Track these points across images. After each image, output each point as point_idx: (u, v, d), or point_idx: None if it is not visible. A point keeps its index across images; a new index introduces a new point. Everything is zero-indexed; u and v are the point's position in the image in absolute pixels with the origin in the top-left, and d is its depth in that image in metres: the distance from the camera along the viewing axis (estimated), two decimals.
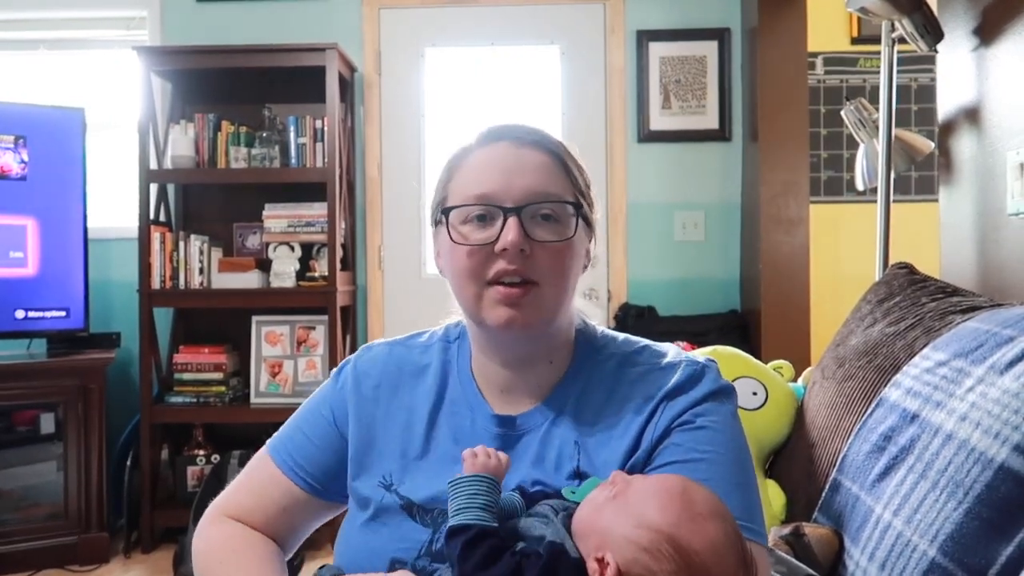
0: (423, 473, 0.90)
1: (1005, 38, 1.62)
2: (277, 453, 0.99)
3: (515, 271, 0.84)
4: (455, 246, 0.87)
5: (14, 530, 2.84)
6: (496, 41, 3.41)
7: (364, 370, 0.99)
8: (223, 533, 0.95)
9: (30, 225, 2.99)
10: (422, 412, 0.94)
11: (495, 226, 0.85)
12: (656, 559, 0.71)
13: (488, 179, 0.86)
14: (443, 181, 0.93)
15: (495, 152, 0.89)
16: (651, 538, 0.72)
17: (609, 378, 0.92)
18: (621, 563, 0.72)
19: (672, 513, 0.73)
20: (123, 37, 3.51)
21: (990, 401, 0.95)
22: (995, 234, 1.66)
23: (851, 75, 3.55)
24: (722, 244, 3.37)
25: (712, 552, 0.72)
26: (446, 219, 0.87)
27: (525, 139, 0.89)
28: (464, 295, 0.88)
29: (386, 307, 3.44)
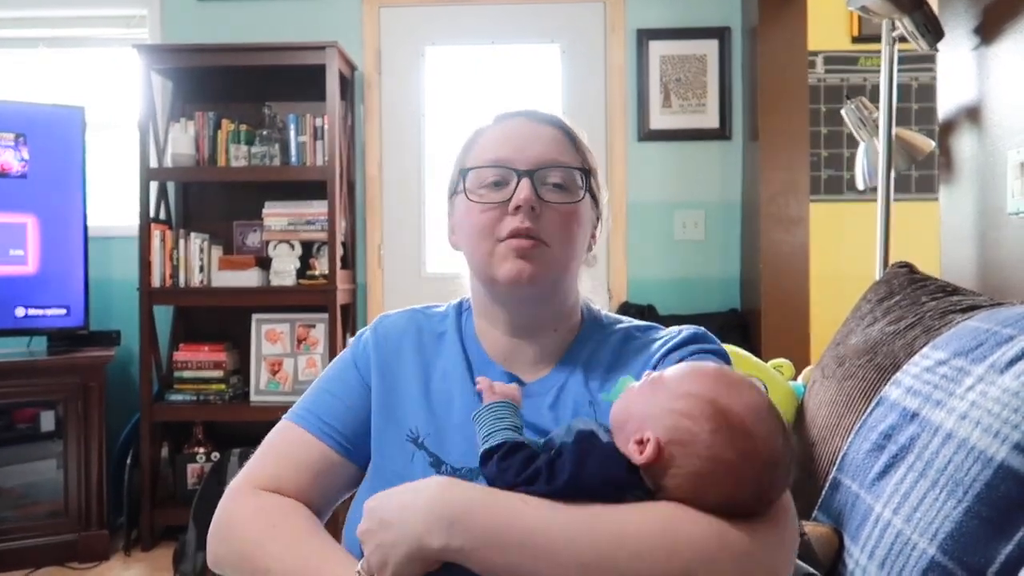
0: (447, 431, 0.91)
1: (1005, 37, 1.62)
2: (303, 419, 0.96)
3: (526, 229, 0.89)
4: (471, 205, 0.92)
5: (14, 527, 2.84)
6: (496, 40, 3.41)
7: (384, 332, 1.01)
8: (255, 505, 0.89)
9: (30, 223, 2.99)
10: (444, 369, 0.96)
11: (509, 187, 0.91)
12: (696, 421, 0.71)
13: (503, 147, 0.92)
14: (460, 156, 0.98)
15: (510, 125, 0.95)
16: (690, 403, 0.72)
17: (615, 347, 0.96)
18: (662, 437, 0.72)
19: (709, 381, 0.74)
20: (123, 35, 3.51)
21: (990, 400, 0.95)
22: (995, 233, 1.66)
23: (851, 74, 3.55)
24: (722, 243, 3.37)
25: (752, 413, 0.71)
26: (464, 183, 0.92)
27: (539, 117, 0.96)
28: (478, 252, 0.92)
29: (386, 305, 3.44)
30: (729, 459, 0.70)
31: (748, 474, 0.71)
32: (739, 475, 0.70)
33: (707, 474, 0.71)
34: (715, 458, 0.70)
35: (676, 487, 0.72)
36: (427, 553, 0.72)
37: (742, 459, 0.70)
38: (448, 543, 0.71)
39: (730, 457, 0.70)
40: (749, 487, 0.71)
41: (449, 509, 0.72)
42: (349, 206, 3.34)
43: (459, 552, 0.71)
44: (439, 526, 0.72)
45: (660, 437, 0.72)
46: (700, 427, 0.71)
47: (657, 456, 0.72)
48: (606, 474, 0.73)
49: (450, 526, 0.71)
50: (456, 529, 0.71)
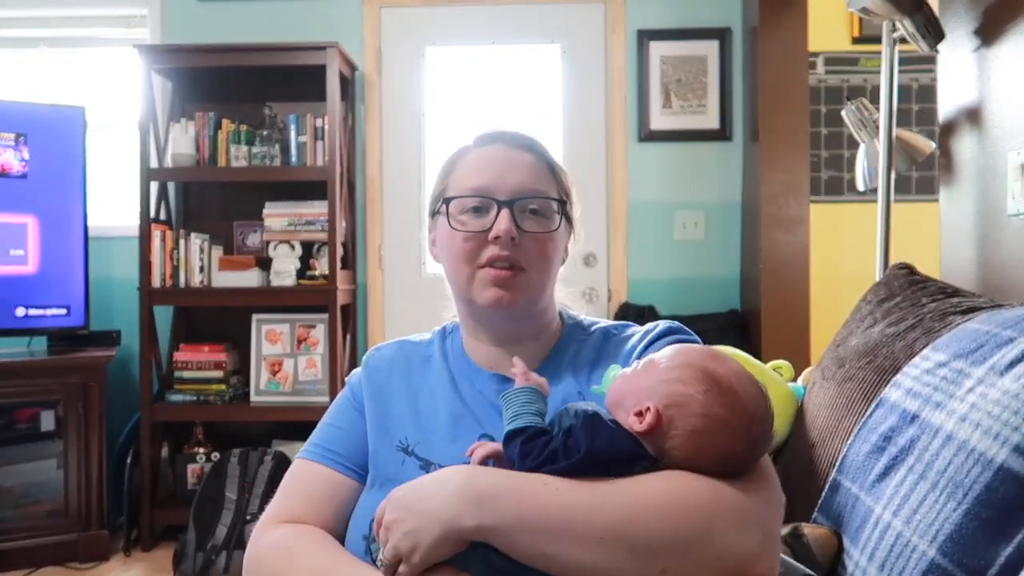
0: (436, 435, 0.97)
1: (1006, 38, 1.62)
2: (311, 453, 1.03)
3: (505, 257, 0.95)
4: (453, 232, 0.97)
5: (14, 527, 2.84)
6: (497, 40, 3.41)
7: (375, 365, 1.08)
8: (273, 536, 0.96)
9: (31, 223, 2.99)
10: (430, 388, 1.03)
11: (489, 216, 0.96)
12: (689, 385, 0.80)
13: (484, 174, 0.97)
14: (442, 177, 1.04)
15: (490, 152, 1.00)
16: (682, 372, 0.81)
17: (596, 344, 1.03)
18: (659, 404, 0.80)
19: (696, 354, 0.84)
20: (123, 35, 3.52)
21: (990, 402, 0.95)
22: (996, 234, 1.66)
23: (852, 75, 3.55)
24: (722, 244, 3.37)
25: (736, 376, 0.81)
26: (446, 208, 0.97)
27: (517, 142, 1.00)
28: (458, 276, 0.99)
29: (386, 305, 3.44)
30: (721, 415, 0.79)
31: (738, 427, 0.79)
32: (731, 428, 0.79)
33: (703, 430, 0.79)
34: (708, 415, 0.79)
35: (677, 448, 0.80)
36: (461, 533, 0.77)
37: (732, 414, 0.79)
38: (482, 522, 0.76)
39: (721, 413, 0.79)
40: (741, 440, 0.80)
41: (478, 491, 0.77)
42: (349, 206, 3.34)
43: (491, 531, 0.76)
44: (471, 508, 0.76)
45: (658, 405, 0.80)
46: (693, 389, 0.80)
47: (657, 422, 0.80)
48: (616, 446, 0.80)
49: (481, 507, 0.76)
50: (487, 510, 0.76)
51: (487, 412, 0.98)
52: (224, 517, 2.77)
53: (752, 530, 0.78)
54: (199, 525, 2.75)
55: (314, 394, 3.17)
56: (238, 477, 2.86)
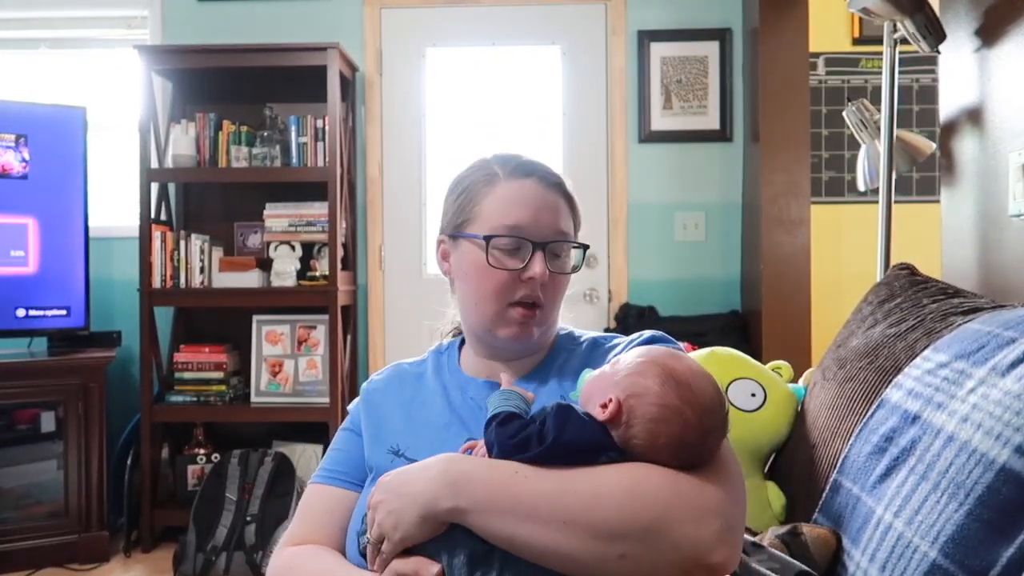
0: (424, 439, 1.03)
1: (1007, 39, 1.62)
2: (320, 477, 1.09)
3: (535, 298, 1.02)
4: (488, 268, 1.01)
5: (14, 528, 2.84)
6: (497, 41, 3.41)
7: (372, 389, 1.14)
8: (283, 557, 1.03)
9: (31, 224, 2.99)
10: (423, 400, 1.09)
11: (520, 255, 1.01)
12: (646, 377, 0.86)
13: (519, 213, 1.02)
14: (468, 201, 1.06)
15: (525, 188, 1.03)
16: (642, 365, 0.88)
17: (584, 353, 1.09)
18: (620, 395, 0.86)
19: (656, 353, 0.91)
20: (124, 36, 3.52)
21: (991, 403, 0.95)
22: (997, 235, 1.66)
23: (853, 76, 3.55)
24: (723, 245, 3.37)
25: (691, 372, 0.87)
26: (487, 244, 1.01)
27: (549, 180, 1.05)
28: (484, 309, 1.03)
29: (386, 306, 3.44)
30: (675, 404, 0.85)
31: (691, 417, 0.84)
32: (684, 417, 0.84)
33: (659, 418, 0.85)
34: (664, 404, 0.85)
35: (636, 436, 0.85)
36: (437, 514, 0.84)
37: (685, 404, 0.85)
38: (456, 504, 0.83)
39: (676, 403, 0.85)
40: (694, 429, 0.85)
41: (454, 476, 0.84)
42: (350, 207, 3.34)
43: (464, 513, 0.83)
44: (448, 491, 0.83)
45: (619, 395, 0.87)
46: (650, 381, 0.86)
47: (618, 410, 0.86)
48: (583, 436, 0.86)
49: (456, 492, 0.83)
50: (461, 494, 0.83)
51: (476, 417, 1.01)
52: (224, 518, 2.76)
53: (708, 520, 0.81)
54: (199, 526, 2.75)
55: (314, 395, 3.16)
56: (238, 478, 2.86)
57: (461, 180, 1.09)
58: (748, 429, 1.56)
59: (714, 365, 1.66)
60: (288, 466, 2.93)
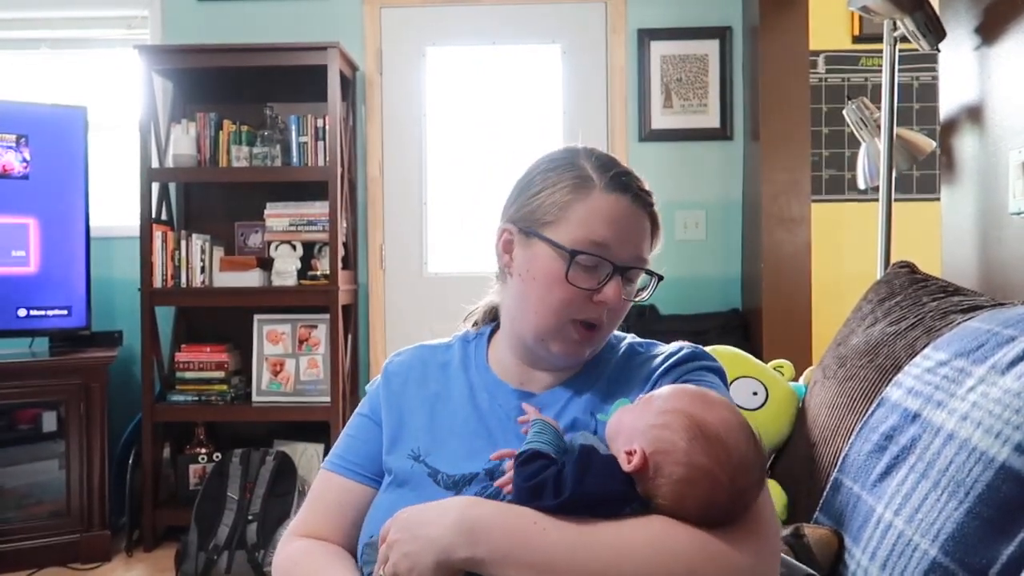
0: (448, 446, 0.99)
1: (1007, 37, 1.62)
2: (332, 465, 1.07)
3: (599, 321, 0.97)
4: (563, 282, 0.94)
5: (16, 528, 2.84)
6: (497, 40, 3.41)
7: (393, 371, 1.09)
8: (288, 550, 1.02)
9: (32, 224, 2.99)
10: (447, 396, 1.04)
11: (598, 274, 0.95)
12: (675, 432, 0.80)
13: (608, 232, 0.95)
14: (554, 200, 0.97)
15: (620, 206, 0.96)
16: (668, 416, 0.81)
17: (619, 365, 1.03)
18: (647, 448, 0.81)
19: (687, 399, 0.84)
20: (124, 36, 3.52)
21: (991, 401, 0.95)
22: (997, 233, 1.66)
23: (853, 74, 3.54)
24: (723, 243, 3.37)
25: (725, 427, 0.80)
26: (571, 257, 0.94)
27: (643, 200, 0.99)
28: (545, 319, 0.96)
29: (387, 306, 3.44)
30: (704, 464, 0.79)
31: (721, 477, 0.79)
32: (713, 478, 0.79)
33: (686, 479, 0.79)
34: (692, 464, 0.79)
35: (664, 495, 0.80)
36: (453, 563, 0.81)
37: (716, 464, 0.79)
38: (472, 555, 0.80)
39: (705, 463, 0.79)
40: (725, 490, 0.79)
41: (471, 524, 0.81)
42: (350, 206, 3.34)
43: (480, 564, 0.80)
44: (464, 540, 0.80)
45: (645, 448, 0.81)
46: (679, 437, 0.80)
47: (643, 464, 0.80)
48: (604, 487, 0.81)
49: (474, 541, 0.80)
50: (478, 543, 0.80)
51: (503, 427, 0.98)
52: (226, 517, 2.77)
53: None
54: (201, 525, 2.75)
55: (316, 394, 3.17)
56: (240, 477, 2.86)
57: (545, 173, 0.99)
58: None
59: None
60: (289, 465, 2.94)
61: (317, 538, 1.02)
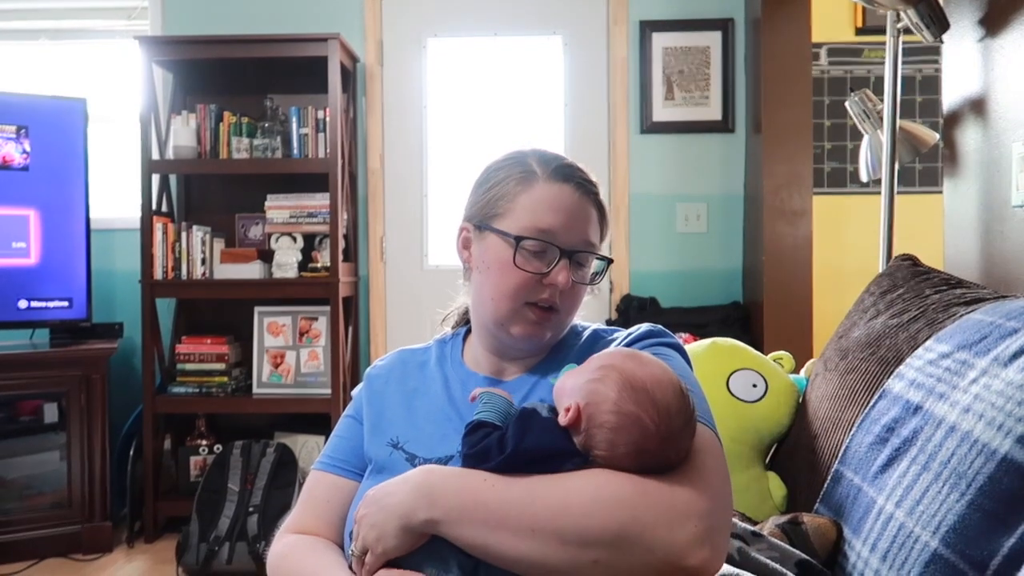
0: (424, 432, 1.04)
1: (1011, 28, 1.61)
2: (322, 464, 1.11)
3: (552, 303, 1.02)
4: (513, 267, 1.00)
5: (18, 519, 2.85)
6: (499, 31, 3.40)
7: (375, 375, 1.15)
8: (278, 546, 1.07)
9: (32, 215, 2.99)
10: (424, 390, 1.09)
11: (546, 258, 1.00)
12: (604, 384, 0.86)
13: (554, 217, 1.00)
14: (501, 194, 1.04)
15: (563, 193, 1.02)
16: (600, 372, 0.87)
17: (582, 348, 1.08)
18: (581, 401, 0.86)
19: (620, 356, 0.90)
20: (124, 27, 3.51)
21: (993, 393, 0.95)
22: (999, 226, 1.65)
23: (855, 66, 3.53)
24: (724, 236, 3.37)
25: (653, 381, 0.86)
26: (516, 244, 1.00)
27: (587, 188, 1.04)
28: (500, 306, 1.02)
29: (388, 298, 3.44)
30: (631, 411, 0.84)
31: (649, 424, 0.83)
32: (641, 424, 0.83)
33: (616, 426, 0.84)
34: (620, 411, 0.84)
35: (597, 443, 0.85)
36: (414, 525, 0.86)
37: (642, 411, 0.84)
38: (430, 515, 0.85)
39: (632, 409, 0.84)
40: (652, 435, 0.83)
41: (428, 488, 0.86)
42: (351, 198, 3.33)
43: (438, 524, 0.85)
44: (423, 503, 0.85)
45: (579, 402, 0.86)
46: (608, 387, 0.85)
47: (577, 417, 0.86)
48: (543, 443, 0.86)
49: (431, 503, 0.85)
50: (435, 505, 0.85)
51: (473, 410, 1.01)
52: (227, 509, 2.77)
53: (682, 523, 0.81)
54: (202, 517, 2.76)
55: (316, 386, 3.17)
56: (240, 469, 2.87)
57: (495, 171, 1.07)
58: (750, 420, 1.56)
59: (715, 356, 1.66)
60: (290, 457, 2.94)
61: (308, 534, 1.06)
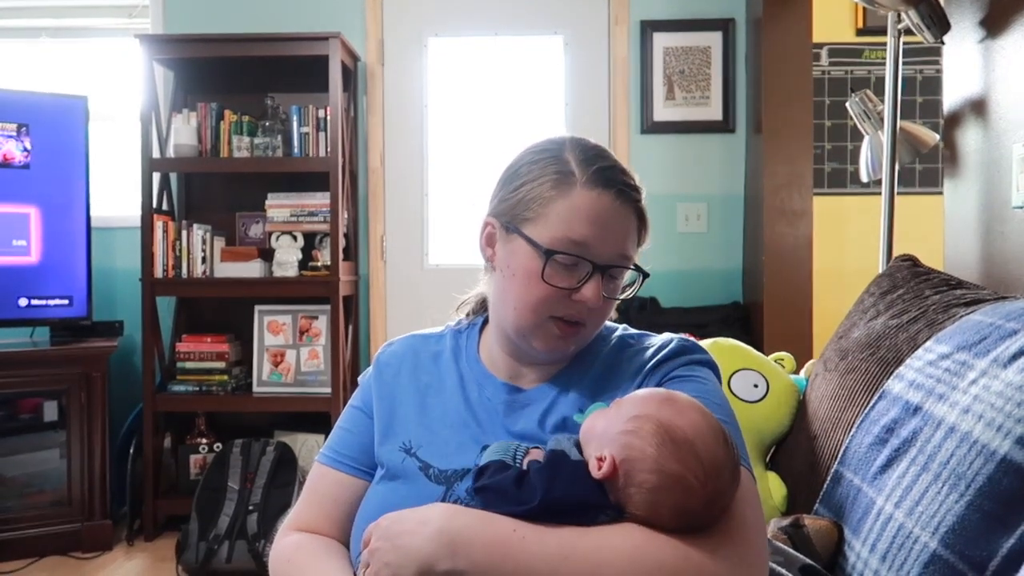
0: (439, 438, 0.98)
1: (1012, 30, 1.61)
2: (324, 457, 1.07)
3: (579, 319, 0.95)
4: (540, 281, 0.92)
5: (18, 517, 2.85)
6: (499, 31, 3.40)
7: (385, 361, 1.09)
8: (282, 545, 1.02)
9: (33, 213, 2.99)
10: (439, 387, 1.04)
11: (577, 273, 0.93)
12: (642, 438, 0.79)
13: (589, 230, 0.92)
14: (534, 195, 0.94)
15: (603, 203, 0.93)
16: (637, 423, 0.80)
17: (608, 358, 1.02)
18: (616, 455, 0.80)
19: (655, 403, 0.82)
20: (125, 25, 3.51)
21: (993, 394, 0.95)
22: (1000, 227, 1.65)
23: (856, 66, 3.53)
24: (725, 236, 3.37)
25: (694, 430, 0.79)
26: (546, 258, 0.92)
27: (627, 195, 0.95)
28: (524, 316, 0.95)
29: (388, 297, 3.44)
30: (674, 470, 0.77)
31: (693, 483, 0.77)
32: (686, 485, 0.77)
33: (658, 487, 0.78)
34: (662, 471, 0.77)
35: (636, 504, 0.79)
36: (434, 574, 0.79)
37: (686, 469, 0.77)
38: (453, 567, 0.79)
39: (676, 469, 0.77)
40: (698, 495, 0.77)
41: (453, 536, 0.80)
42: (351, 197, 3.33)
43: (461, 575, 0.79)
44: (445, 552, 0.79)
45: (615, 455, 0.80)
46: (646, 443, 0.79)
47: (613, 472, 0.79)
48: (574, 493, 0.80)
49: (455, 553, 0.79)
50: (459, 555, 0.79)
51: (492, 420, 0.98)
52: (227, 507, 2.77)
53: None
54: (201, 515, 2.76)
55: (316, 385, 3.17)
56: (240, 467, 2.87)
57: (529, 166, 0.97)
58: (750, 420, 1.56)
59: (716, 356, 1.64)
60: (290, 455, 2.94)
61: (312, 531, 1.02)
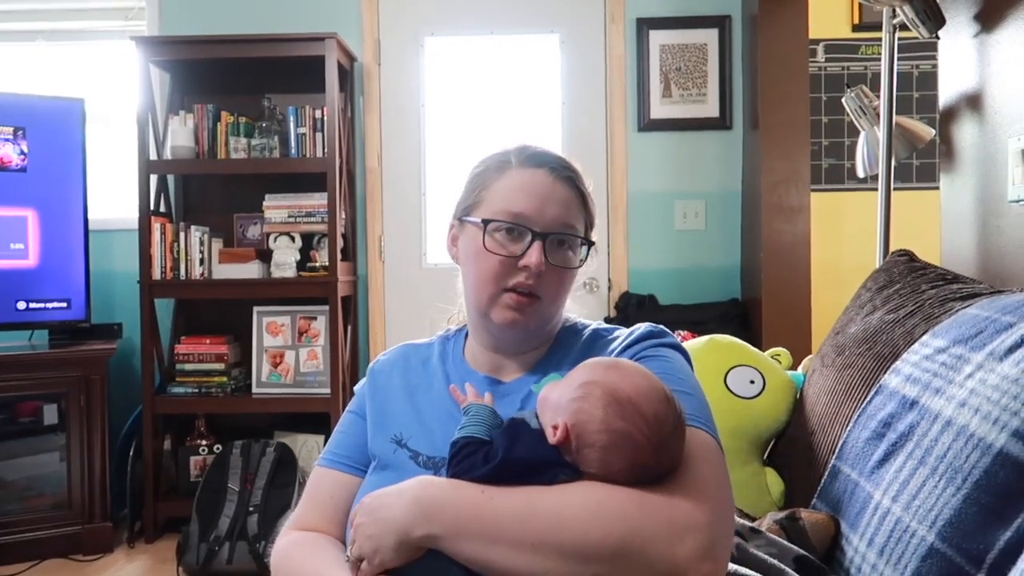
0: (427, 428, 1.04)
1: (1007, 24, 1.62)
2: (325, 460, 1.11)
3: (528, 287, 1.00)
4: (485, 252, 1.00)
5: (18, 520, 2.85)
6: (496, 30, 3.40)
7: (378, 369, 1.15)
8: (281, 544, 1.06)
9: (30, 216, 2.99)
10: (427, 386, 1.10)
11: (522, 243, 1.00)
12: (590, 402, 0.84)
13: (524, 201, 1.01)
14: (478, 185, 1.06)
15: (534, 177, 1.02)
16: (585, 389, 0.85)
17: (582, 349, 1.07)
18: (568, 420, 0.84)
19: (601, 370, 0.88)
20: (121, 27, 3.51)
21: (989, 387, 0.95)
22: (996, 221, 1.66)
23: (852, 62, 3.53)
24: (723, 233, 3.37)
25: (636, 391, 0.84)
26: (484, 227, 1.01)
27: (560, 172, 1.03)
28: (480, 293, 1.03)
29: (387, 297, 3.44)
30: (620, 427, 0.82)
31: (640, 438, 0.82)
32: (633, 440, 0.82)
33: (609, 445, 0.83)
34: (610, 429, 0.83)
35: (591, 462, 0.84)
36: (412, 541, 0.85)
37: (631, 425, 0.82)
38: (429, 531, 0.84)
39: (621, 426, 0.82)
40: (645, 448, 0.82)
41: (426, 503, 0.86)
42: (349, 198, 3.33)
43: (437, 539, 0.84)
44: (421, 518, 0.85)
45: (567, 421, 0.85)
46: (593, 406, 0.84)
47: (566, 437, 0.84)
48: (533, 453, 0.86)
49: (429, 518, 0.85)
50: (434, 520, 0.84)
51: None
52: (227, 508, 2.78)
53: (682, 537, 0.80)
54: (202, 517, 2.76)
55: (315, 386, 3.17)
56: (240, 469, 2.87)
57: (477, 166, 1.09)
58: (747, 416, 1.56)
59: (713, 352, 1.66)
60: (290, 456, 2.94)
61: (312, 531, 1.06)
